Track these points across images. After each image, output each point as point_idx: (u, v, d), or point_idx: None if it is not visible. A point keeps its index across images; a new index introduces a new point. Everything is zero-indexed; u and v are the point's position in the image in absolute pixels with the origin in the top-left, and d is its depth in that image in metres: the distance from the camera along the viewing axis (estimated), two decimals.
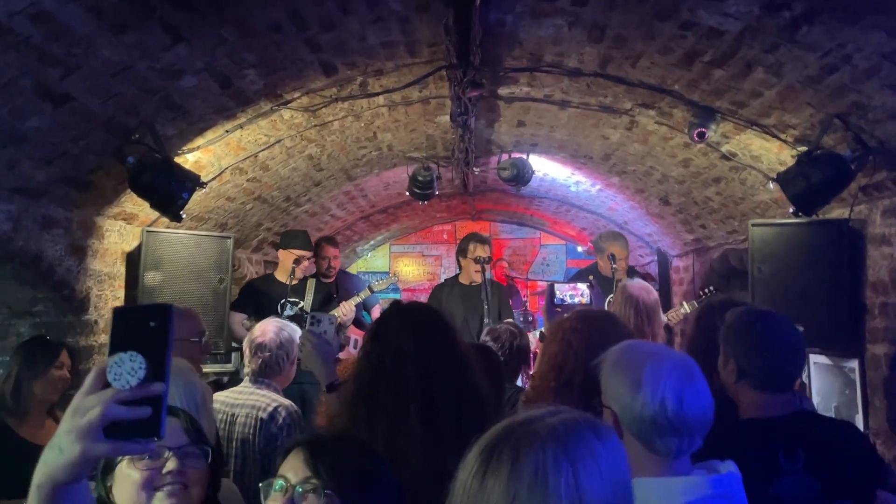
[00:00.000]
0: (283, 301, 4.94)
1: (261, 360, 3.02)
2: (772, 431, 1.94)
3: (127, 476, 1.48)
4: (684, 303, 4.93)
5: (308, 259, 5.16)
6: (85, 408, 0.93)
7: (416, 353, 1.71)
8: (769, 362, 1.99)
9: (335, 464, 1.32)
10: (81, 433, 0.92)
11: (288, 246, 5.11)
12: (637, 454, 1.46)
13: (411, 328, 1.78)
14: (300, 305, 5.00)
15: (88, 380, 0.97)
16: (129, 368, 0.94)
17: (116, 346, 0.96)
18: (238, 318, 4.82)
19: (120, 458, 1.49)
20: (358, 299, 5.45)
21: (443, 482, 1.59)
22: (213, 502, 1.61)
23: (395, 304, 1.94)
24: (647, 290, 3.36)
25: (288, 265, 5.02)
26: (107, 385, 0.95)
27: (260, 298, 4.97)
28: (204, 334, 2.82)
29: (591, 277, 5.14)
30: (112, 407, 0.92)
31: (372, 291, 5.61)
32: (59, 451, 0.93)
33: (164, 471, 1.48)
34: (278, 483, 1.31)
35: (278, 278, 5.13)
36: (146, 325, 0.97)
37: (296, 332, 3.13)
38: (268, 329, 3.07)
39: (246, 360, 3.09)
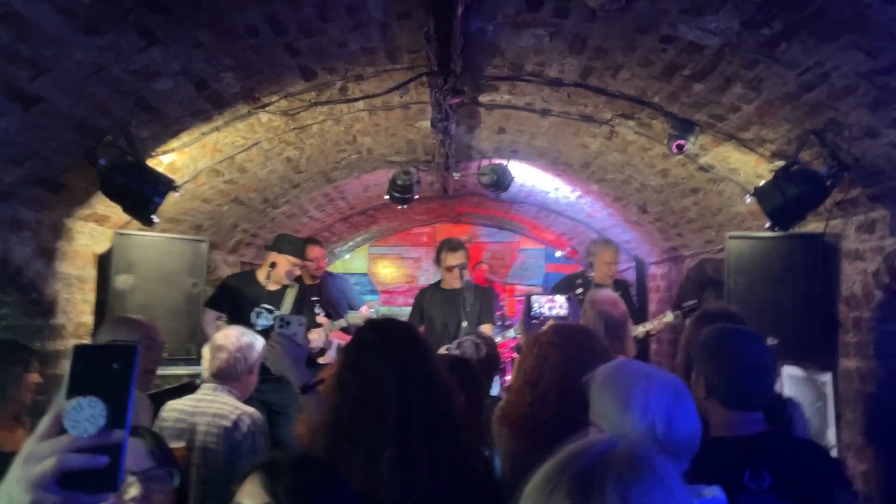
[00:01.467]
0: (258, 308, 4.72)
1: (218, 361, 2.97)
2: (738, 450, 1.92)
3: None
4: (668, 312, 4.92)
5: (297, 268, 5.02)
6: (38, 455, 0.87)
7: (396, 385, 1.66)
8: (737, 380, 1.98)
9: (294, 486, 1.28)
10: (33, 483, 0.85)
11: (284, 251, 4.79)
12: None
13: (390, 357, 1.71)
14: (275, 315, 4.85)
15: (43, 423, 0.90)
16: (88, 415, 0.88)
17: (75, 389, 0.90)
18: (211, 317, 4.62)
19: None
20: (333, 328, 5.26)
21: None
22: None
23: (375, 328, 1.84)
24: (613, 303, 3.31)
25: (280, 271, 4.77)
26: (62, 431, 0.88)
27: (236, 297, 4.75)
28: (153, 340, 2.75)
29: (579, 282, 5.16)
30: (67, 456, 0.86)
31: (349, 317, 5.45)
32: (7, 500, 0.87)
33: (127, 497, 1.43)
34: None
35: (258, 278, 4.84)
36: (108, 366, 0.91)
37: (257, 340, 3.08)
38: (229, 334, 3.03)
39: (204, 364, 3.04)
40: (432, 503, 1.58)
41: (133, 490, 1.43)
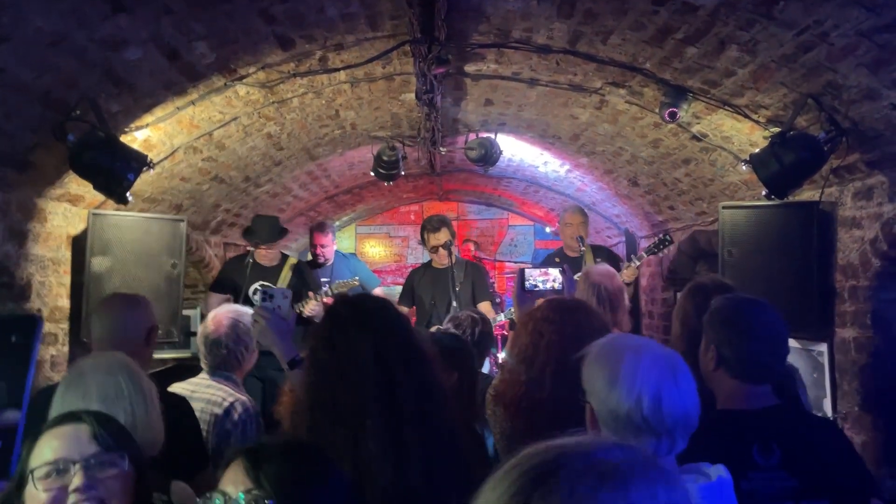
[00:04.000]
0: (255, 286, 4.76)
1: (218, 357, 2.85)
2: (747, 424, 1.86)
3: (34, 497, 1.33)
4: (633, 256, 4.87)
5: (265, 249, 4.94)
6: None
7: (374, 358, 1.59)
8: (751, 352, 1.91)
9: (278, 472, 1.19)
10: None
11: (249, 241, 4.93)
12: None
13: (366, 330, 1.64)
14: (257, 287, 4.80)
15: None
16: None
17: None
18: (215, 300, 4.68)
19: (28, 477, 1.34)
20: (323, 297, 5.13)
21: (409, 493, 1.50)
22: None
23: (347, 304, 1.77)
24: (609, 277, 3.26)
25: (261, 254, 4.90)
26: None
27: (235, 279, 4.85)
28: (150, 327, 2.62)
29: (557, 260, 5.06)
30: None
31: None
32: None
33: (71, 488, 1.33)
34: (217, 499, 1.18)
35: (255, 258, 4.92)
36: (5, 340, 0.80)
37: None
38: (222, 322, 2.89)
39: (201, 356, 2.92)
40: (426, 480, 1.50)
41: (76, 480, 1.33)
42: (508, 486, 0.80)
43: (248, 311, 3.05)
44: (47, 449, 1.38)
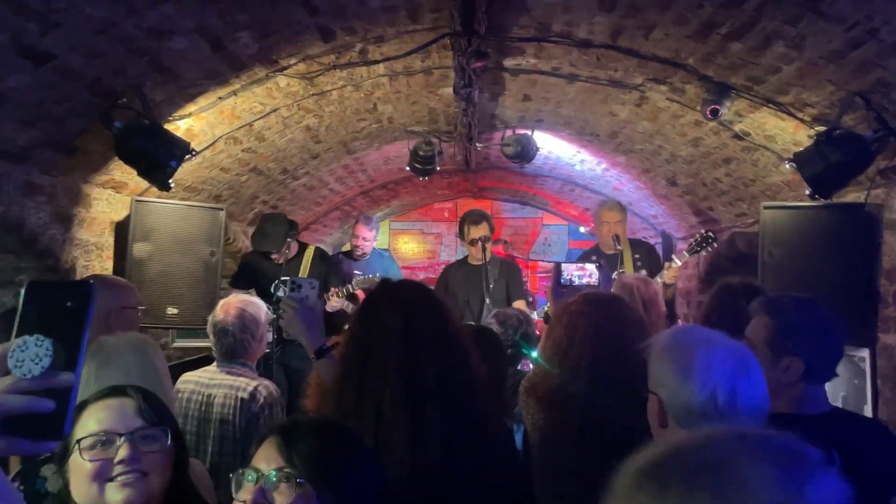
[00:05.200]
0: (277, 282, 4.74)
1: (225, 344, 2.90)
2: (807, 429, 1.83)
3: (79, 467, 1.36)
4: (674, 256, 4.71)
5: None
6: None
7: (403, 333, 1.62)
8: (834, 357, 1.93)
9: (310, 451, 1.21)
10: None
11: (255, 249, 4.84)
12: None
13: (398, 307, 1.68)
14: (284, 278, 4.80)
15: None
16: (33, 354, 0.80)
17: (25, 327, 0.83)
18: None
19: (73, 447, 1.37)
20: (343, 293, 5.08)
21: (427, 468, 1.51)
22: (182, 485, 1.50)
23: (384, 283, 1.84)
24: (644, 282, 3.23)
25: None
26: (7, 372, 0.81)
27: (255, 274, 4.85)
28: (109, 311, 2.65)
29: (593, 258, 5.01)
30: (8, 398, 0.79)
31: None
32: None
33: (116, 459, 1.36)
34: (250, 475, 1.20)
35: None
36: (62, 304, 0.82)
37: (261, 308, 3.01)
38: (229, 311, 2.93)
39: (211, 344, 2.97)
40: (446, 458, 1.51)
41: (122, 452, 1.36)
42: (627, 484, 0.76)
43: (258, 300, 3.08)
44: (93, 420, 1.42)
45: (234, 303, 2.98)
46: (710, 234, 4.59)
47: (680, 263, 4.58)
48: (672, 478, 0.73)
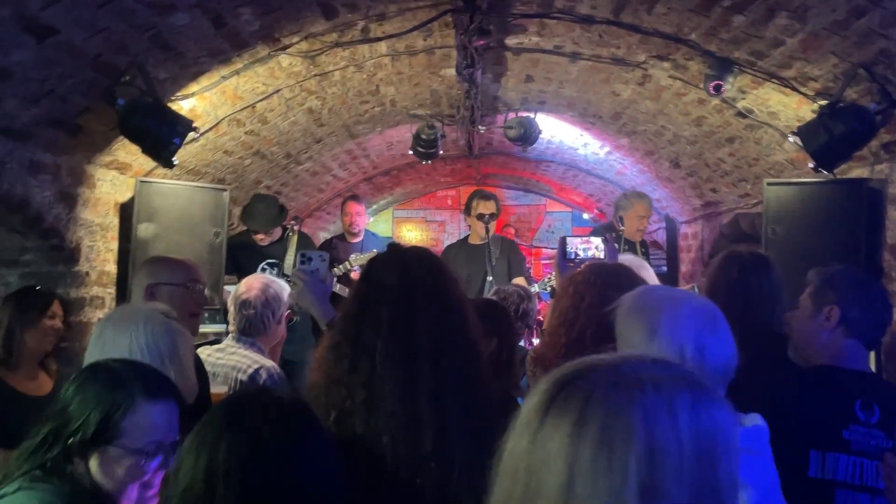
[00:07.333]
0: (262, 265, 4.73)
1: (245, 317, 2.89)
2: (852, 381, 1.97)
3: (114, 459, 1.41)
4: (696, 286, 4.67)
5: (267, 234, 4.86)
6: None
7: (398, 289, 1.64)
8: (880, 317, 2.04)
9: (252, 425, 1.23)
10: None
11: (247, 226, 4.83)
12: None
13: (397, 265, 1.70)
14: (278, 267, 4.80)
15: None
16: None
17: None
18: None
19: (117, 436, 1.41)
20: (337, 271, 5.02)
21: (417, 425, 1.52)
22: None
23: (391, 246, 1.87)
24: (638, 267, 3.21)
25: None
26: None
27: (239, 257, 4.74)
28: (196, 282, 2.67)
29: (608, 235, 4.96)
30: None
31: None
32: None
33: (155, 468, 1.44)
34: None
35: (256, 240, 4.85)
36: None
37: (284, 289, 3.01)
38: (253, 285, 2.93)
39: (231, 318, 2.97)
40: (439, 417, 1.52)
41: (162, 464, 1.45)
42: (541, 391, 0.82)
43: (281, 281, 3.09)
44: (150, 427, 1.45)
45: (258, 279, 2.99)
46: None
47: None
48: (544, 388, 0.81)
